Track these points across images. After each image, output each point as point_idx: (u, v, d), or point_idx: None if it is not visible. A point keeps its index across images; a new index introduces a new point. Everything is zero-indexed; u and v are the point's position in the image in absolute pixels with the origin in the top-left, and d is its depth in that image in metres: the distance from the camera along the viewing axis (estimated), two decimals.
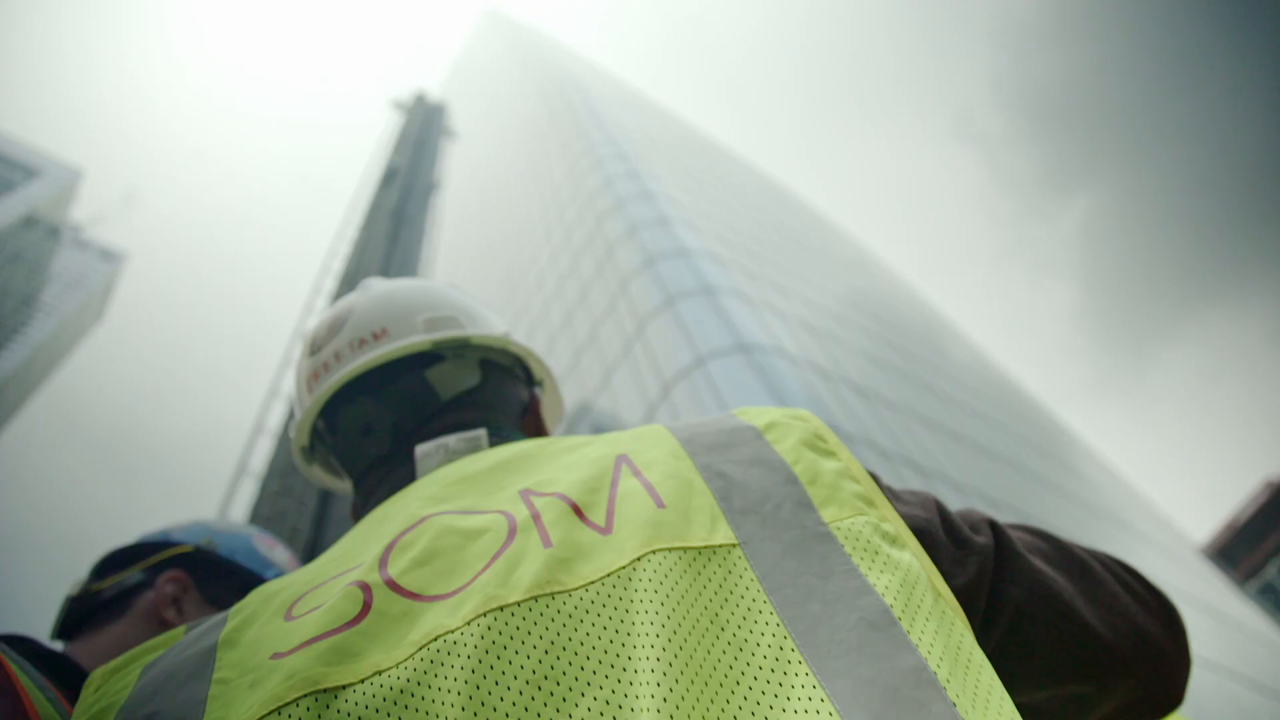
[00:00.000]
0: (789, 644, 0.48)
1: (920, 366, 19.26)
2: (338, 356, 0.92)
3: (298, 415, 0.97)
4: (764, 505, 0.59)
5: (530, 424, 0.99)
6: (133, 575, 1.18)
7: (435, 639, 0.51)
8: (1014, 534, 0.71)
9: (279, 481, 13.34)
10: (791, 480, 0.61)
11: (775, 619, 0.50)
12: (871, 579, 0.52)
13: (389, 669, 0.50)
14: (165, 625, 1.13)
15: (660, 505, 0.59)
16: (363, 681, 0.50)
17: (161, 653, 0.62)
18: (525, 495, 0.64)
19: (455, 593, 0.55)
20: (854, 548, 0.55)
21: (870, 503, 0.60)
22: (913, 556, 0.56)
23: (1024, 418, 23.52)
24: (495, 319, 1.04)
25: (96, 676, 0.61)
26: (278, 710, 0.49)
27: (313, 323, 1.03)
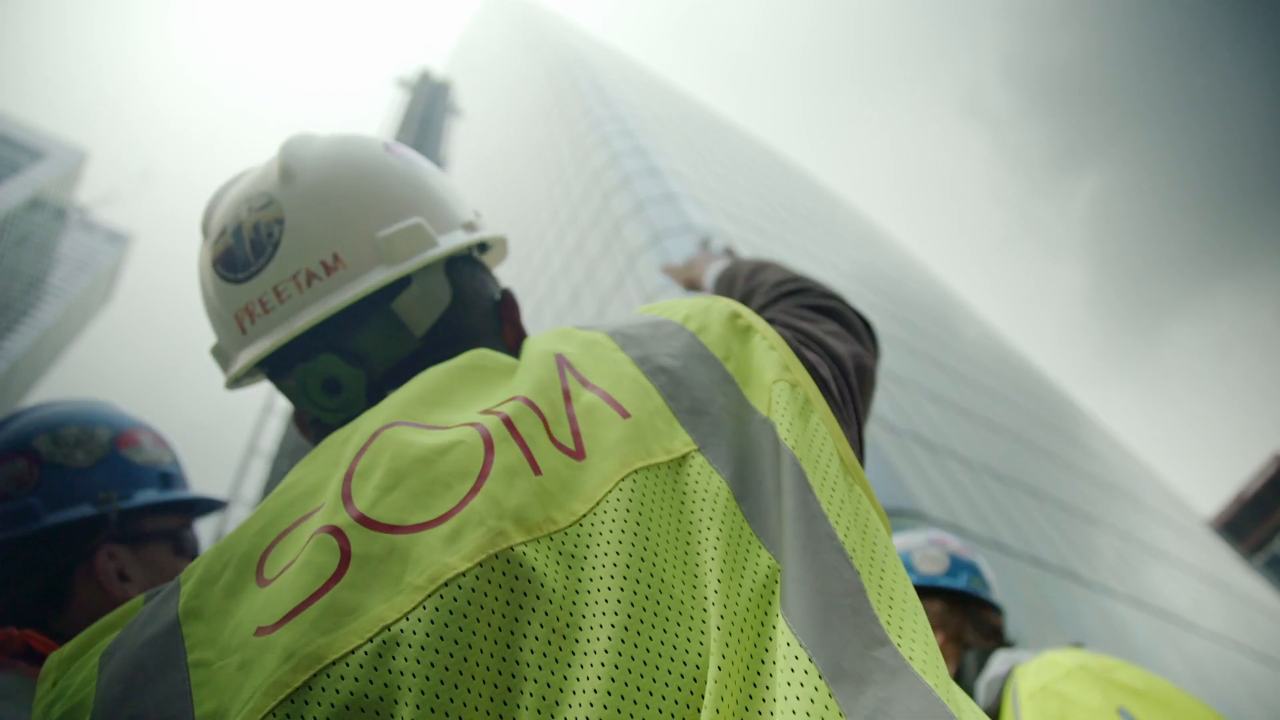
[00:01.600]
0: (749, 530, 0.52)
1: (929, 342, 19.19)
2: (279, 295, 0.71)
3: (226, 347, 0.77)
4: (710, 407, 0.60)
5: (510, 332, 0.84)
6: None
7: (443, 583, 0.48)
8: (836, 346, 0.78)
9: (289, 461, 13.40)
10: (727, 379, 0.63)
11: (740, 515, 0.53)
12: (799, 453, 0.56)
13: (396, 621, 0.47)
14: (120, 600, 1.03)
15: (624, 415, 0.59)
16: (370, 640, 0.46)
17: (118, 633, 0.55)
18: (486, 410, 0.60)
19: (442, 520, 0.52)
20: (786, 431, 0.58)
21: (787, 368, 0.64)
22: (820, 421, 0.61)
23: (1033, 394, 23.45)
24: (450, 188, 0.85)
25: (51, 667, 0.55)
26: (290, 699, 0.45)
27: (214, 202, 0.80)
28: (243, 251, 0.73)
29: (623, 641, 0.45)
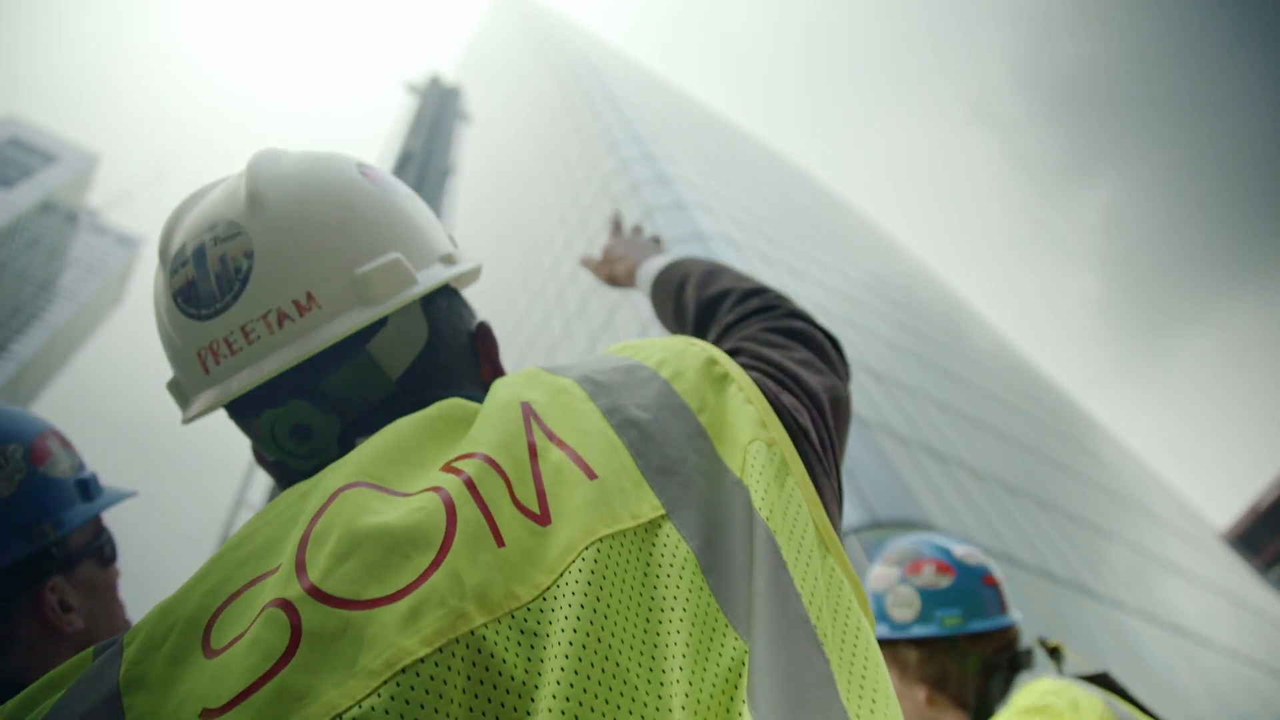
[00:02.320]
0: (716, 608, 0.51)
1: (938, 351, 19.10)
2: (247, 335, 0.66)
3: (185, 385, 0.71)
4: (681, 466, 0.58)
5: (487, 369, 0.79)
6: None
7: (400, 669, 0.45)
8: (811, 381, 0.77)
9: None
10: (700, 434, 0.61)
11: (708, 590, 0.51)
12: (773, 524, 0.55)
13: (348, 709, 0.43)
14: (68, 637, 0.97)
15: (591, 476, 0.56)
16: None
17: (61, 694, 0.52)
18: (449, 466, 0.57)
19: (400, 595, 0.48)
20: (761, 499, 0.56)
21: (763, 424, 0.63)
22: (796, 485, 0.60)
23: (1044, 404, 23.32)
24: (427, 216, 0.80)
25: None
26: None
27: (172, 224, 0.72)
28: (207, 286, 0.67)
29: None
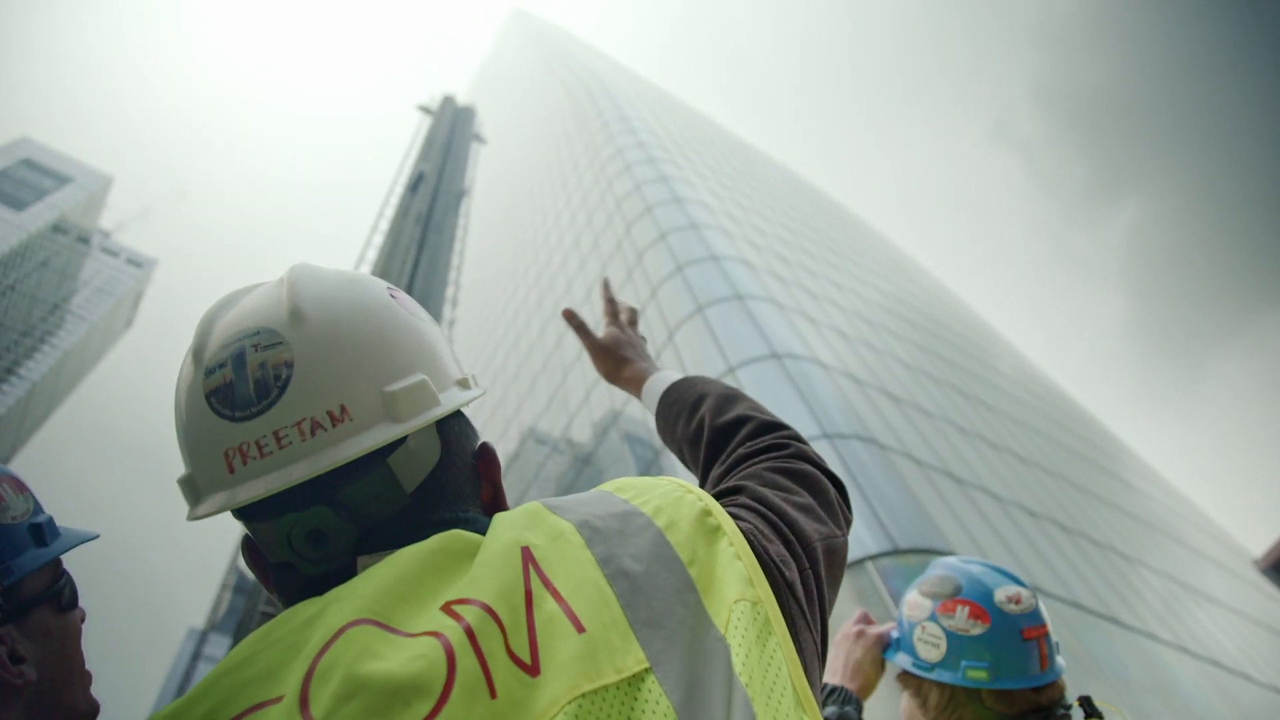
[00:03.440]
0: None
1: (960, 374, 18.76)
2: (279, 439, 0.69)
3: (201, 482, 0.72)
4: (668, 620, 0.61)
5: (487, 489, 0.82)
6: None
7: None
8: (807, 529, 0.80)
9: None
10: (689, 587, 0.64)
11: None
12: (752, 690, 0.58)
13: None
14: (19, 689, 0.90)
15: (580, 630, 0.59)
16: None
17: None
18: (449, 608, 0.60)
19: None
20: (742, 663, 0.59)
21: (750, 582, 0.66)
22: (777, 645, 0.63)
23: (1070, 428, 22.87)
24: (445, 344, 0.84)
25: None
26: None
27: (208, 326, 0.75)
28: (245, 389, 0.70)
29: None
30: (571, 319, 1.31)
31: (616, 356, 1.27)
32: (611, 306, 1.37)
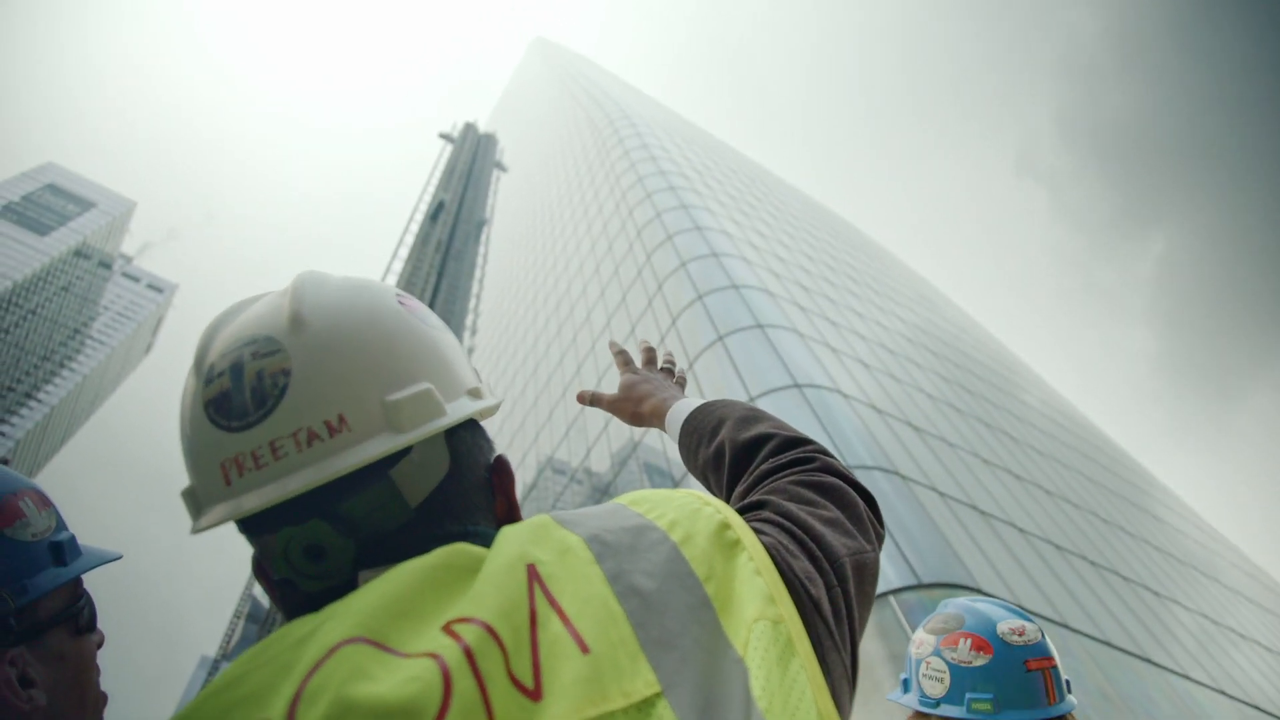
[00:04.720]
0: None
1: (985, 406, 18.49)
2: (275, 451, 0.66)
3: (201, 494, 0.70)
4: (682, 640, 0.59)
5: (501, 503, 0.78)
6: None
7: None
8: (835, 544, 0.76)
9: None
10: (705, 604, 0.62)
11: None
12: (771, 718, 0.55)
13: None
14: (27, 715, 0.90)
15: (585, 650, 0.57)
16: None
17: None
18: (449, 627, 0.57)
19: None
20: (761, 687, 0.57)
21: (772, 600, 0.63)
22: (801, 667, 0.59)
23: (1100, 462, 22.46)
24: (456, 350, 0.81)
25: None
26: None
27: (210, 335, 0.73)
28: (241, 399, 0.68)
29: None
30: (585, 400, 1.28)
31: (632, 399, 1.24)
32: (622, 357, 1.34)
